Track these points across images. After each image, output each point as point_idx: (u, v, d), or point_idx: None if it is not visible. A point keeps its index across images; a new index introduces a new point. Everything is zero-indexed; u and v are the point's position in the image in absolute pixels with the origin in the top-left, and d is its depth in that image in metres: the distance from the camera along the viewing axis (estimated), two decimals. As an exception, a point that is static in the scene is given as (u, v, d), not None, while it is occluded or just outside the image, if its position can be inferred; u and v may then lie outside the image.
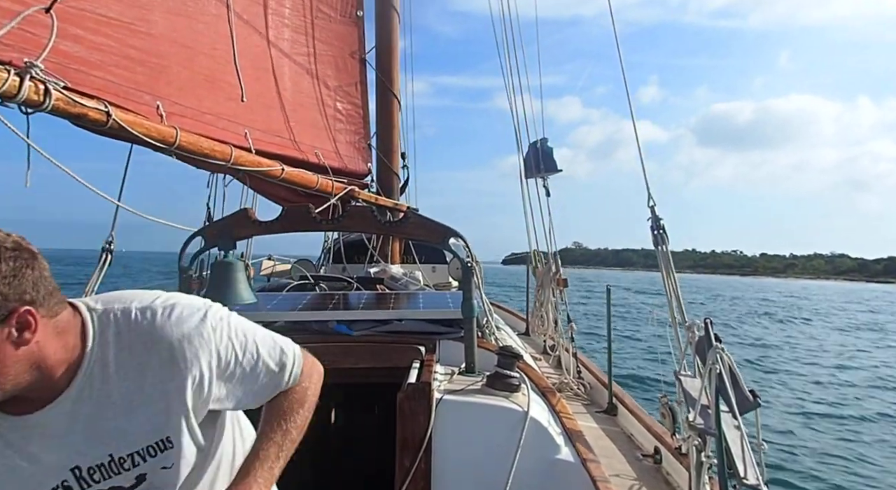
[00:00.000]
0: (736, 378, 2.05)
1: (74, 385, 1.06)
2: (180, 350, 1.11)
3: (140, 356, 1.09)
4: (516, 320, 6.75)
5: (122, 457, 1.11)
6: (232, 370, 1.19)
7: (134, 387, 1.09)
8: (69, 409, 1.06)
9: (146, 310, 1.12)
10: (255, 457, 1.22)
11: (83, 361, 1.06)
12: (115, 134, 1.57)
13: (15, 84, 1.18)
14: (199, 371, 1.13)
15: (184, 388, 1.12)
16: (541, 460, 2.25)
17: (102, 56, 1.62)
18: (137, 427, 1.11)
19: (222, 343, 1.17)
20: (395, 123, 5.65)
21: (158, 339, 1.10)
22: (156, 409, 1.11)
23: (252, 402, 1.28)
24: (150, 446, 1.12)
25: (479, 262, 3.00)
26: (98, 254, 3.21)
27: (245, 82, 2.64)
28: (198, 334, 1.13)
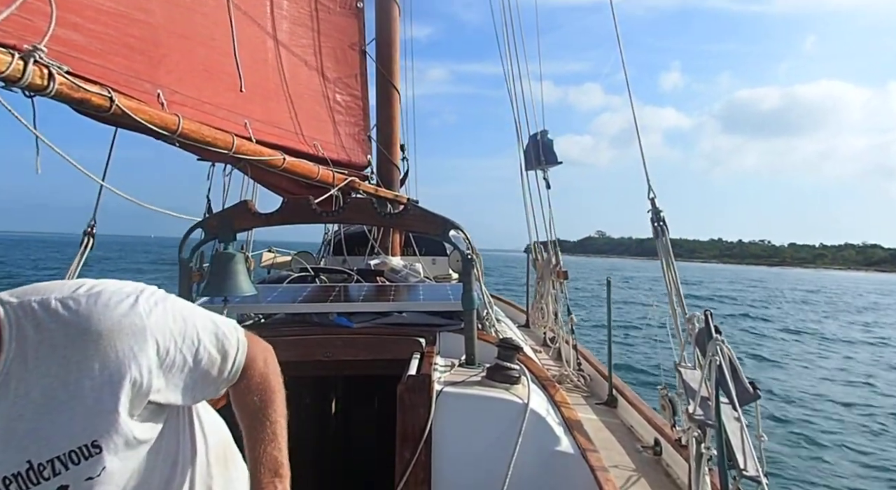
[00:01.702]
0: (736, 370, 2.05)
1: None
2: (109, 340, 1.00)
3: (63, 349, 0.97)
4: (516, 312, 6.76)
5: (41, 463, 0.98)
6: (172, 358, 1.08)
7: (57, 383, 0.97)
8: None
9: (68, 299, 1.00)
10: (257, 461, 1.17)
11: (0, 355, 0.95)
12: (118, 121, 1.56)
13: (19, 67, 1.17)
14: (134, 362, 1.02)
15: (115, 383, 1.00)
16: (541, 452, 2.25)
17: (102, 44, 1.61)
18: (60, 429, 0.98)
19: (158, 329, 1.05)
20: (395, 115, 5.64)
21: (84, 330, 0.98)
22: (82, 407, 0.99)
23: (194, 394, 1.17)
24: (73, 452, 1.00)
25: (479, 254, 2.99)
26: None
27: (244, 73, 2.63)
28: (129, 322, 1.02)
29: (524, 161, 6.20)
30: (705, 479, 2.09)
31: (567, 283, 5.33)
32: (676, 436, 2.61)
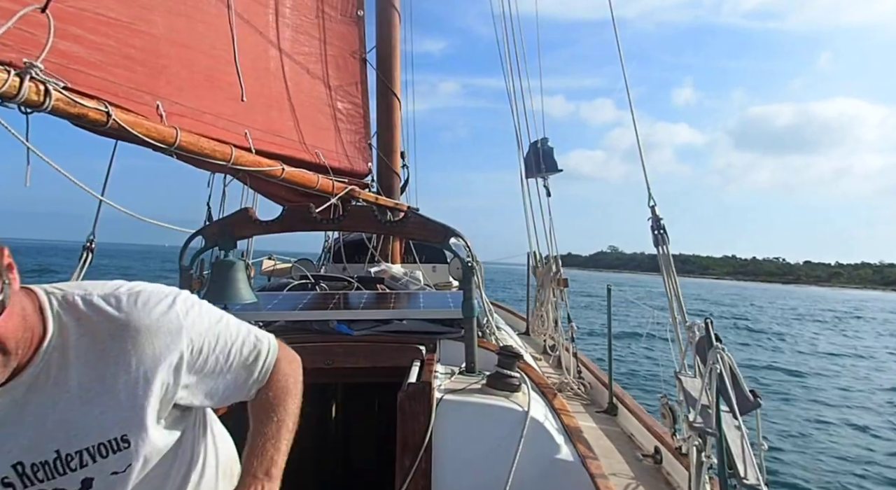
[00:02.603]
0: (736, 378, 2.05)
1: (29, 371, 0.97)
2: (147, 337, 1.03)
3: (102, 343, 1.01)
4: (516, 320, 6.75)
5: (69, 454, 1.01)
6: (204, 359, 1.11)
7: (93, 375, 1.00)
8: (20, 398, 0.97)
9: (110, 296, 1.04)
10: (252, 454, 1.15)
11: (41, 346, 0.98)
12: (115, 134, 1.57)
13: (15, 84, 1.17)
14: (168, 360, 1.05)
15: (149, 380, 1.03)
16: (541, 460, 2.24)
17: (102, 56, 1.62)
18: (91, 421, 1.01)
19: (193, 330, 1.09)
20: (396, 123, 5.65)
21: (123, 326, 1.02)
22: (115, 401, 1.02)
23: (224, 396, 1.19)
24: (103, 445, 1.02)
25: (479, 262, 3.00)
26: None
27: (245, 82, 2.64)
28: (167, 321, 1.06)
29: (524, 169, 6.22)
30: (706, 487, 2.09)
31: (567, 291, 5.33)
32: (677, 444, 2.60)
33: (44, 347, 0.97)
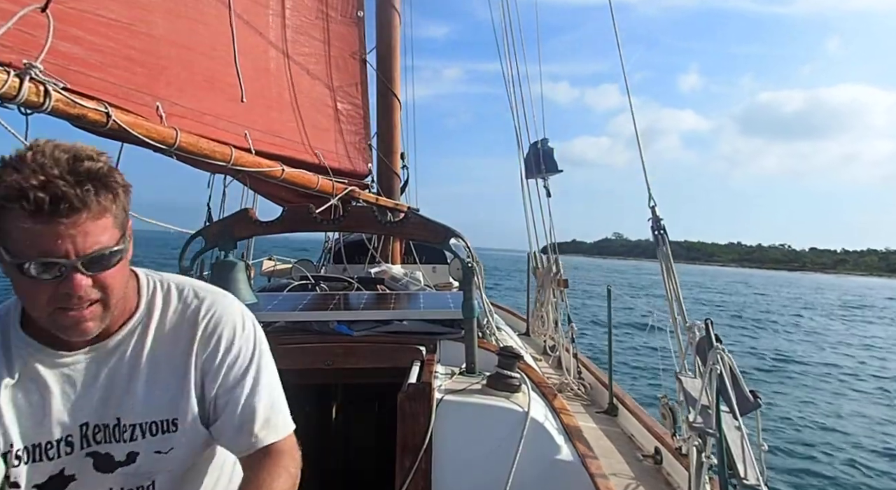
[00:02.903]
0: (736, 378, 2.05)
1: (115, 337, 1.07)
2: (209, 328, 1.12)
3: (179, 328, 1.11)
4: (517, 321, 6.75)
5: (125, 425, 1.07)
6: (234, 383, 1.13)
7: (164, 355, 1.10)
8: (101, 360, 1.06)
9: (198, 289, 1.16)
10: None
11: (130, 319, 1.08)
12: (115, 135, 1.57)
13: (15, 85, 1.18)
14: (212, 360, 1.13)
15: (207, 372, 1.12)
16: (541, 460, 2.24)
17: (102, 57, 1.62)
18: (152, 397, 1.09)
19: (246, 348, 1.16)
20: (396, 124, 5.66)
21: (200, 314, 1.12)
22: (175, 384, 1.10)
23: (222, 433, 1.14)
24: (155, 422, 1.09)
25: (479, 262, 3.00)
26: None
27: (245, 83, 2.64)
28: (232, 324, 1.15)
29: (524, 169, 6.22)
30: (706, 487, 2.09)
31: (567, 291, 5.33)
32: (677, 444, 2.60)
33: (132, 321, 1.08)
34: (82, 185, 0.89)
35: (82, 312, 0.95)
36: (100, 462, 1.07)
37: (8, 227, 0.89)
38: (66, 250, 0.89)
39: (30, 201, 0.85)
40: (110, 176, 0.94)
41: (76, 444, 1.05)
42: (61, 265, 0.90)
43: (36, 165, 0.87)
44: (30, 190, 0.85)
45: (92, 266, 0.93)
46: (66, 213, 0.88)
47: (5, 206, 0.87)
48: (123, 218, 0.98)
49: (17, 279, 0.93)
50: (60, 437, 1.04)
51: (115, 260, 0.97)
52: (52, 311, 0.94)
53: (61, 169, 0.88)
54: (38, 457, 1.03)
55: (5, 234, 0.90)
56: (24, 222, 0.87)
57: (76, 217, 0.89)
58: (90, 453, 1.07)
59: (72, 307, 0.94)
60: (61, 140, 0.94)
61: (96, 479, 1.08)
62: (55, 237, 0.88)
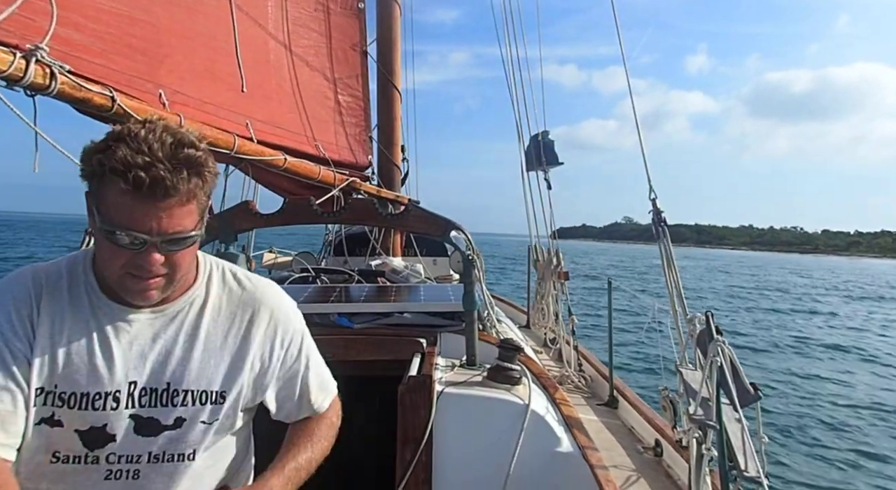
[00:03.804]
0: (737, 371, 2.05)
1: (172, 307, 1.14)
2: (266, 315, 1.22)
3: (234, 306, 1.20)
4: (517, 313, 6.75)
5: (177, 390, 1.12)
6: (292, 356, 1.27)
7: (219, 330, 1.17)
8: (160, 325, 1.13)
9: (248, 275, 1.26)
10: (277, 468, 1.22)
11: (189, 290, 1.16)
12: (120, 120, 1.56)
13: (21, 66, 1.17)
14: (271, 340, 1.22)
15: (256, 353, 1.20)
16: (542, 452, 2.25)
17: (104, 44, 1.61)
18: (206, 368, 1.15)
19: (296, 327, 1.28)
20: (397, 115, 5.64)
21: (254, 299, 1.22)
22: (227, 358, 1.17)
23: (282, 399, 1.29)
24: (205, 392, 1.15)
25: (480, 255, 2.99)
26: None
27: (246, 73, 2.63)
28: (285, 311, 1.26)
29: (525, 162, 6.20)
30: (706, 479, 2.09)
31: (567, 283, 5.33)
32: (677, 437, 2.61)
33: (190, 292, 1.16)
34: (179, 172, 0.97)
35: (149, 282, 1.04)
36: (141, 425, 1.11)
37: (106, 193, 0.98)
38: (150, 227, 0.98)
39: (129, 180, 0.94)
40: (205, 165, 1.02)
41: (122, 401, 1.10)
42: (143, 239, 0.99)
43: (145, 145, 0.96)
44: (134, 168, 0.94)
45: (169, 246, 1.02)
46: (159, 197, 0.97)
47: (109, 177, 0.96)
48: (205, 203, 1.07)
49: (101, 241, 1.03)
50: (109, 391, 1.09)
51: (190, 243, 1.06)
52: (122, 275, 1.04)
53: (165, 152, 0.96)
54: (84, 405, 1.07)
55: (102, 198, 0.99)
56: (121, 196, 0.96)
57: (167, 201, 0.98)
58: (133, 416, 1.11)
59: (141, 276, 1.03)
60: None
61: (136, 442, 1.11)
62: (144, 214, 0.98)
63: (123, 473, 1.11)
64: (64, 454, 1.09)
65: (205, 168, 1.02)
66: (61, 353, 1.07)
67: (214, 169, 1.06)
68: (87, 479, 1.10)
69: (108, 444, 1.10)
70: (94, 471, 1.10)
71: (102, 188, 0.99)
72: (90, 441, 1.09)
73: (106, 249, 1.03)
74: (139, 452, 1.12)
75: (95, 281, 1.12)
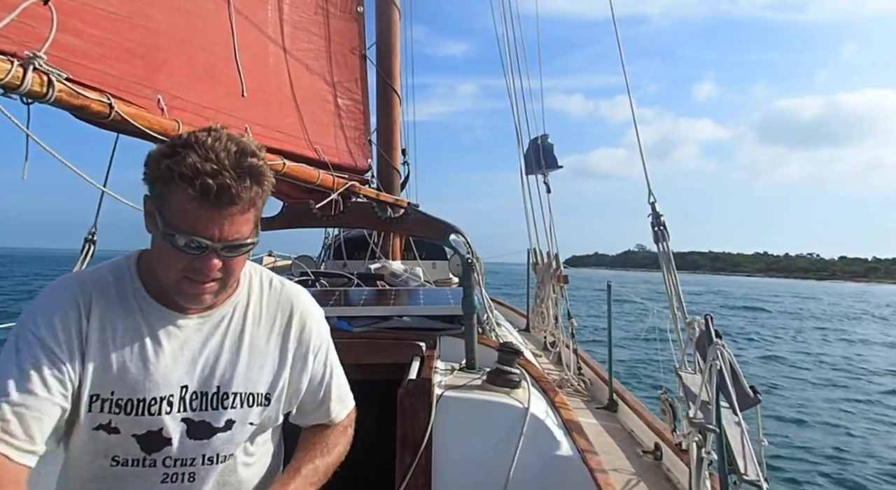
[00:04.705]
0: (736, 374, 2.05)
1: (218, 312, 1.18)
2: (301, 321, 1.27)
3: (273, 311, 1.24)
4: (517, 317, 6.75)
5: (226, 393, 1.15)
6: (320, 362, 1.32)
7: (261, 334, 1.22)
8: (208, 330, 1.16)
9: (283, 281, 1.31)
10: (293, 470, 1.23)
11: (233, 296, 1.20)
12: (117, 127, 1.56)
13: (18, 74, 1.17)
14: (305, 349, 1.28)
15: (294, 356, 1.25)
16: (541, 456, 2.25)
17: (102, 49, 1.61)
18: (252, 371, 1.19)
19: (325, 341, 1.34)
20: (396, 119, 5.64)
21: (291, 304, 1.27)
22: (270, 361, 1.22)
23: (306, 403, 1.33)
24: (252, 394, 1.18)
25: (479, 259, 2.99)
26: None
27: (245, 77, 2.63)
28: (318, 320, 1.32)
29: (524, 165, 6.22)
30: (706, 483, 2.09)
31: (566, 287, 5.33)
32: (677, 440, 2.61)
33: (234, 298, 1.20)
34: (242, 181, 1.01)
35: (204, 286, 1.08)
36: (194, 429, 1.14)
37: (171, 198, 1.01)
38: (212, 234, 1.02)
39: (197, 187, 0.97)
40: (265, 174, 1.06)
41: (175, 405, 1.12)
42: (204, 245, 1.02)
43: (213, 153, 0.99)
44: (202, 175, 0.97)
45: (228, 252, 1.06)
46: (224, 204, 1.01)
47: (176, 182, 0.99)
48: (261, 212, 1.11)
49: (162, 244, 1.05)
50: (163, 395, 1.11)
51: (247, 250, 1.09)
52: (180, 278, 1.06)
53: (230, 161, 1.00)
54: (140, 411, 1.09)
55: (167, 203, 1.02)
56: (188, 202, 0.99)
57: (230, 209, 1.02)
58: (185, 419, 1.13)
59: (198, 280, 1.06)
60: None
61: (191, 446, 1.14)
62: (207, 221, 1.01)
63: (179, 476, 1.15)
64: (123, 458, 1.11)
65: (265, 177, 1.06)
66: (115, 359, 1.09)
67: (271, 178, 1.09)
68: (145, 481, 1.13)
69: (165, 448, 1.12)
70: (153, 474, 1.13)
71: (168, 193, 1.01)
72: (147, 445, 1.11)
73: (166, 253, 1.05)
74: (193, 455, 1.15)
75: (143, 286, 1.14)
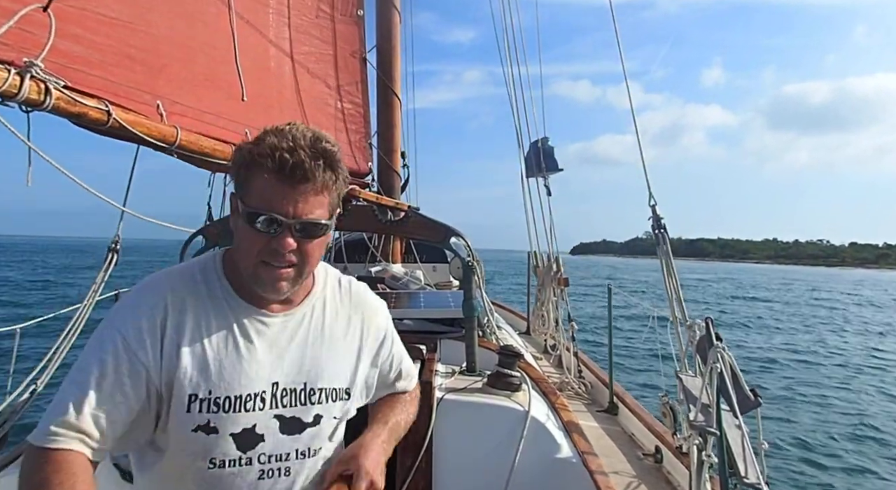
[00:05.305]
0: (737, 377, 2.05)
1: (300, 309, 1.23)
2: (372, 316, 1.35)
3: (348, 308, 1.31)
4: (517, 319, 6.75)
5: (313, 389, 1.19)
6: (392, 354, 1.41)
7: (339, 330, 1.27)
8: (292, 327, 1.21)
9: (350, 278, 1.38)
10: (384, 423, 1.36)
11: (311, 294, 1.25)
12: (116, 133, 1.57)
13: (15, 83, 1.18)
14: (380, 342, 1.36)
15: (369, 350, 1.32)
16: (542, 459, 2.24)
17: (102, 55, 1.62)
18: (333, 366, 1.24)
19: (391, 328, 1.42)
20: (397, 122, 5.64)
21: (363, 301, 1.35)
22: (348, 357, 1.28)
23: (377, 389, 1.42)
24: (335, 390, 1.23)
25: (479, 261, 2.99)
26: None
27: (245, 81, 2.64)
28: (384, 312, 1.40)
29: (524, 168, 6.21)
30: (706, 486, 2.08)
31: (567, 290, 5.32)
32: (677, 443, 2.60)
33: (312, 295, 1.25)
34: (316, 159, 1.07)
35: (280, 271, 1.11)
36: (285, 425, 1.17)
37: (252, 180, 1.08)
38: (287, 211, 1.07)
39: (275, 160, 1.05)
40: (339, 161, 1.12)
41: (268, 401, 1.15)
42: (280, 222, 1.07)
43: (290, 135, 1.08)
44: (279, 150, 1.05)
45: (302, 230, 1.10)
46: (298, 179, 1.07)
47: (257, 162, 1.07)
48: (336, 203, 1.16)
49: (243, 229, 1.10)
50: (257, 392, 1.14)
51: (321, 232, 1.13)
52: (257, 263, 1.11)
53: (306, 142, 1.08)
54: (237, 408, 1.12)
55: (247, 187, 1.09)
56: (265, 179, 1.06)
57: (304, 186, 1.08)
58: (277, 416, 1.16)
59: (274, 264, 1.10)
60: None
61: (283, 442, 1.17)
62: (283, 197, 1.07)
63: (275, 472, 1.17)
64: (220, 459, 1.13)
65: (339, 165, 1.12)
66: (211, 358, 1.12)
67: (346, 173, 1.15)
68: (242, 480, 1.15)
69: (259, 445, 1.15)
70: (249, 472, 1.15)
71: (249, 177, 1.09)
72: (243, 443, 1.14)
73: (245, 236, 1.10)
74: (287, 451, 1.18)
75: (229, 284, 1.18)
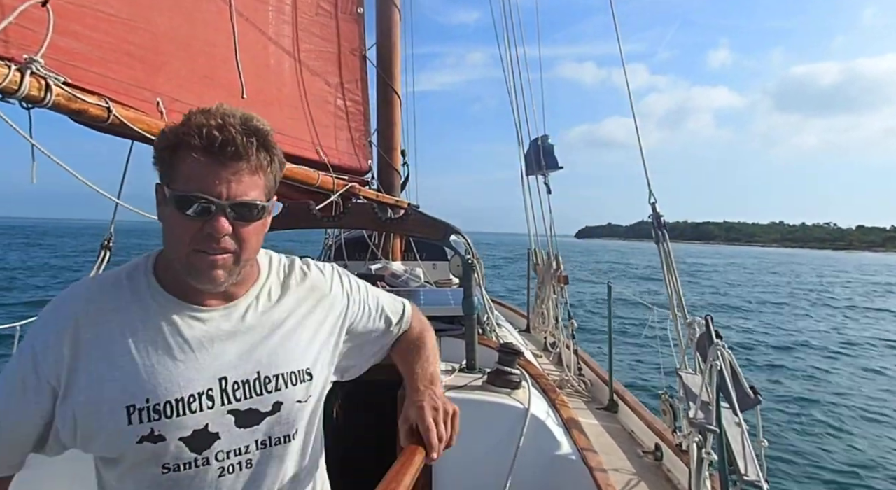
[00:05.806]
0: (737, 375, 2.05)
1: (244, 300, 1.17)
2: (318, 285, 1.30)
3: (296, 291, 1.26)
4: (517, 317, 6.75)
5: (267, 377, 1.15)
6: (362, 310, 1.37)
7: (288, 314, 1.22)
8: (235, 319, 1.15)
9: (298, 261, 1.33)
10: (414, 373, 1.39)
11: (255, 284, 1.20)
12: (116, 130, 1.56)
13: (16, 79, 1.17)
14: (337, 310, 1.31)
15: (327, 322, 1.28)
16: (542, 456, 2.25)
17: (102, 52, 1.62)
18: (287, 351, 1.19)
19: (352, 289, 1.37)
20: (397, 120, 5.64)
21: (312, 276, 1.30)
22: (304, 336, 1.23)
23: (374, 347, 1.42)
24: (294, 373, 1.19)
25: (479, 259, 3.00)
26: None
27: (246, 79, 2.63)
28: (332, 275, 1.36)
29: (524, 166, 6.21)
30: (706, 483, 2.09)
31: (567, 287, 5.33)
32: (677, 441, 2.61)
33: (257, 285, 1.21)
34: (248, 137, 1.02)
35: (216, 258, 1.05)
36: (241, 419, 1.13)
37: (179, 163, 1.02)
38: (220, 191, 1.02)
39: (203, 136, 0.99)
40: (273, 141, 1.08)
41: (217, 398, 1.10)
42: (212, 204, 1.02)
43: (218, 114, 1.02)
44: (207, 127, 0.99)
45: (237, 212, 1.04)
46: (229, 157, 1.02)
47: (183, 141, 1.00)
48: (272, 187, 1.12)
49: (171, 216, 1.04)
50: (201, 391, 1.09)
51: (257, 214, 1.07)
52: (190, 252, 1.04)
53: (236, 120, 1.02)
54: (181, 411, 1.07)
55: (176, 171, 1.03)
56: (194, 160, 1.00)
57: (237, 165, 1.03)
58: (231, 411, 1.12)
59: (209, 251, 1.04)
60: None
61: (241, 435, 1.13)
62: (214, 177, 1.01)
63: (235, 466, 1.14)
64: (173, 464, 1.08)
65: (272, 145, 1.08)
66: (141, 364, 1.05)
67: (281, 154, 1.11)
68: (202, 480, 1.11)
69: (215, 443, 1.10)
70: (207, 471, 1.11)
71: (175, 159, 1.02)
72: (196, 445, 1.09)
73: (175, 224, 1.04)
74: (246, 443, 1.14)
75: (157, 281, 1.12)
